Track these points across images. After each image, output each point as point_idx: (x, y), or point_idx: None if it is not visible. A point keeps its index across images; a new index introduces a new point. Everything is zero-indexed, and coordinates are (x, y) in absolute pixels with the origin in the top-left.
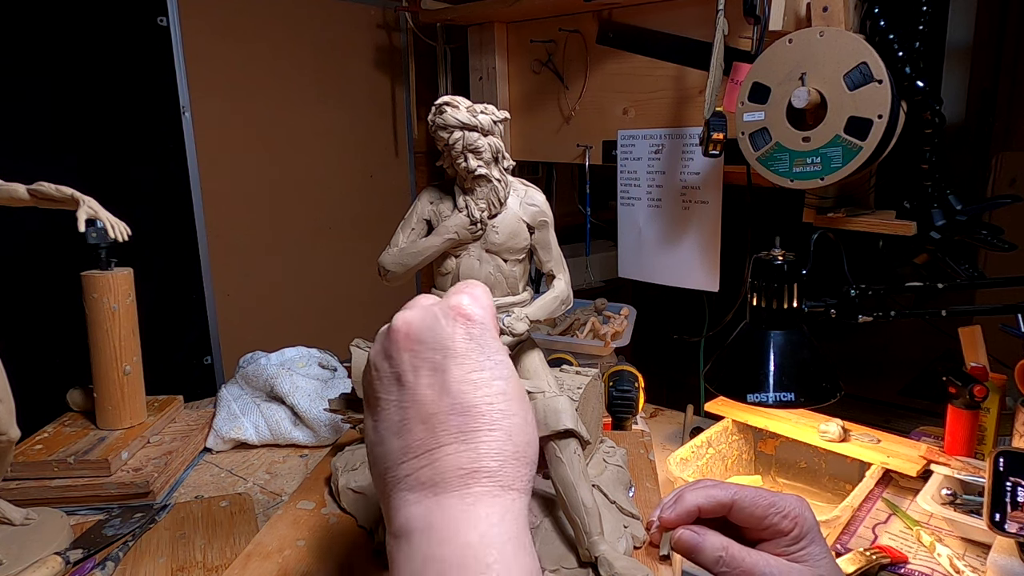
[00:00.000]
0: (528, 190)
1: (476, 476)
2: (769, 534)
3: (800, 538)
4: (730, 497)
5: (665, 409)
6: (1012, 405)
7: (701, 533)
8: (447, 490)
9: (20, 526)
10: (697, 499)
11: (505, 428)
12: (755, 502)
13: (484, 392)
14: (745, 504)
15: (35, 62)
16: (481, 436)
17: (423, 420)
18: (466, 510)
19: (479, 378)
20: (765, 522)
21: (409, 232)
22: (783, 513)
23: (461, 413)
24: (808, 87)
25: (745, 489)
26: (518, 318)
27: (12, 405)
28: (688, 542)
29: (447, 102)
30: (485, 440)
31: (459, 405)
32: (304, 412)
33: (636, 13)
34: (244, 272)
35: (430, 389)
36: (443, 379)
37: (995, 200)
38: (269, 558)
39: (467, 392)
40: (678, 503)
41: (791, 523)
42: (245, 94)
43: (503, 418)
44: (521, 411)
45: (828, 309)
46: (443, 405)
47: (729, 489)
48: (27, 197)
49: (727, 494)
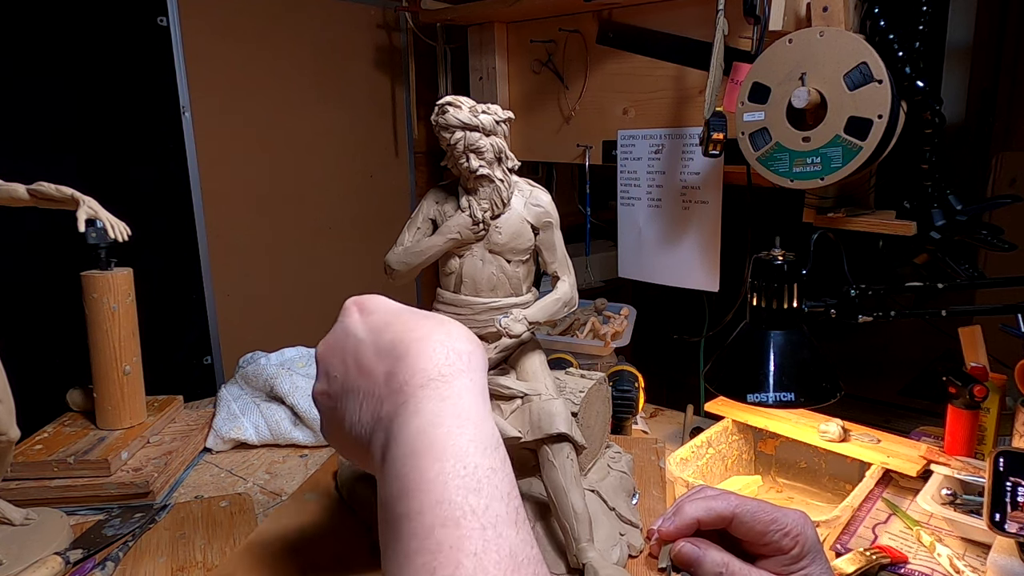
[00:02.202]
0: (533, 190)
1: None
2: (769, 550)
3: (801, 557)
4: (731, 510)
5: (665, 409)
6: (1012, 405)
7: (702, 547)
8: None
9: (20, 526)
10: (696, 512)
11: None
12: (756, 517)
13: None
14: (746, 519)
15: (35, 62)
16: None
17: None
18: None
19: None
20: (766, 538)
21: (415, 231)
22: (784, 531)
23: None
24: (808, 87)
25: (747, 502)
26: (516, 319)
27: (12, 405)
28: (688, 556)
29: (449, 102)
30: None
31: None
32: (304, 412)
33: (636, 13)
34: (244, 272)
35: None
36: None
37: (995, 200)
38: (269, 548)
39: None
40: (677, 515)
41: (792, 541)
42: (245, 94)
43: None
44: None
45: (828, 309)
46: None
47: (730, 501)
48: (27, 197)
49: (728, 507)
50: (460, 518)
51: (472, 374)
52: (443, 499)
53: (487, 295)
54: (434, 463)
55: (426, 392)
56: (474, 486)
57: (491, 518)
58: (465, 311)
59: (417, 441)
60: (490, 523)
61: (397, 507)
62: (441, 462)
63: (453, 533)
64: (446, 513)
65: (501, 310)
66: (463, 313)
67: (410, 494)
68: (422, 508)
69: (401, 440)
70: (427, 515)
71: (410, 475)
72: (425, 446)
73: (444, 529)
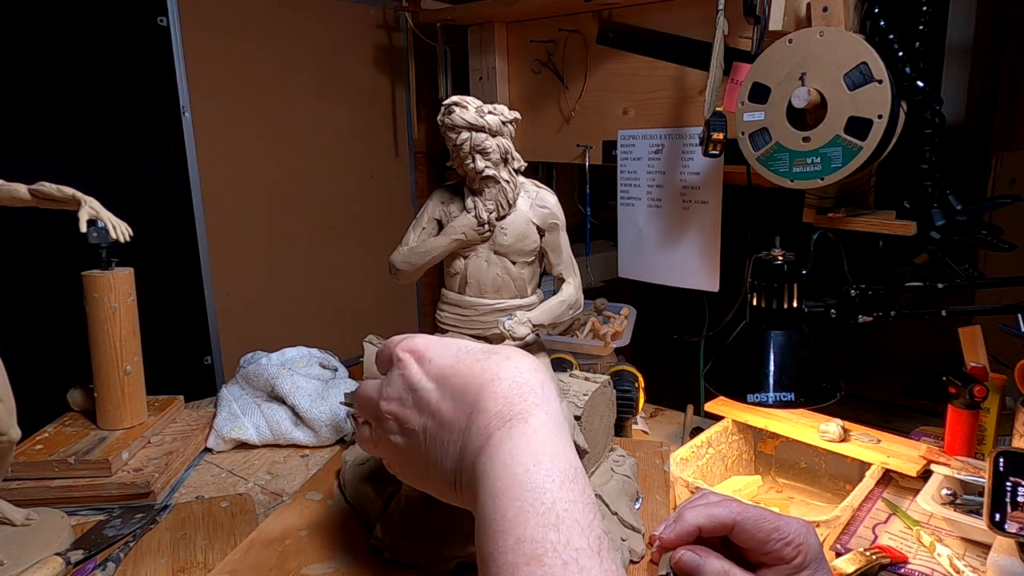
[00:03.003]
0: (540, 192)
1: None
2: (771, 559)
3: (803, 567)
4: (732, 518)
5: (665, 409)
6: (1012, 405)
7: (703, 555)
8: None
9: (21, 527)
10: (698, 519)
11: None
12: (758, 525)
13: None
14: (748, 526)
15: (35, 62)
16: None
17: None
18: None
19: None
20: (767, 546)
21: (420, 232)
22: (787, 540)
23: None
24: (808, 87)
25: (749, 510)
26: (519, 321)
27: (12, 405)
28: (689, 564)
29: (456, 102)
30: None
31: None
32: (305, 412)
33: (636, 13)
34: (244, 272)
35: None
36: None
37: (995, 200)
38: (270, 546)
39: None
40: (678, 522)
41: (794, 551)
42: (245, 94)
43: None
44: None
45: (828, 309)
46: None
47: (732, 509)
48: (28, 197)
49: (729, 514)
50: (542, 555)
51: (547, 406)
52: (523, 537)
53: (492, 296)
54: (512, 502)
55: (501, 434)
56: (553, 521)
57: (572, 553)
58: (469, 312)
59: (496, 483)
60: (572, 558)
61: (484, 548)
62: (519, 501)
63: (536, 571)
64: (528, 551)
65: (505, 312)
66: (467, 314)
67: (494, 536)
68: (504, 548)
69: (483, 485)
70: (509, 555)
71: (492, 517)
72: (503, 487)
73: (527, 567)
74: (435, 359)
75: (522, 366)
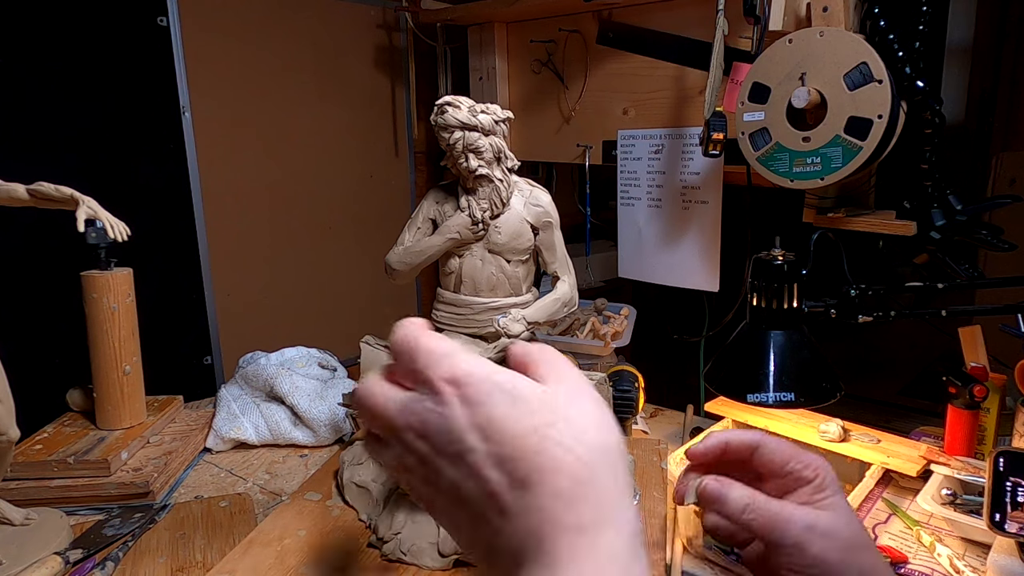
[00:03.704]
0: (533, 190)
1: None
2: (792, 482)
3: (823, 487)
4: (756, 439)
5: (665, 409)
6: (1012, 405)
7: (726, 484)
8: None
9: (20, 526)
10: (726, 435)
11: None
12: (780, 446)
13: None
14: (770, 446)
15: (35, 62)
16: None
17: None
18: None
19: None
20: (787, 468)
21: (415, 231)
22: (805, 463)
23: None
24: (808, 87)
25: (771, 437)
26: (514, 319)
27: (12, 405)
28: (714, 492)
29: (448, 102)
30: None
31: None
32: (304, 412)
33: (636, 13)
34: (244, 272)
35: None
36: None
37: (995, 200)
38: (269, 546)
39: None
40: (707, 439)
41: (813, 472)
42: (245, 94)
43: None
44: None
45: (828, 309)
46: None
47: (756, 432)
48: (27, 197)
49: (754, 436)
50: None
51: (621, 511)
52: None
53: (487, 295)
54: None
55: (559, 550)
56: None
57: None
58: (465, 311)
59: None
60: None
61: None
62: None
63: None
64: None
65: (500, 310)
66: (463, 313)
67: None
68: None
69: None
70: None
71: None
72: None
73: None
74: (481, 403)
75: (588, 425)
